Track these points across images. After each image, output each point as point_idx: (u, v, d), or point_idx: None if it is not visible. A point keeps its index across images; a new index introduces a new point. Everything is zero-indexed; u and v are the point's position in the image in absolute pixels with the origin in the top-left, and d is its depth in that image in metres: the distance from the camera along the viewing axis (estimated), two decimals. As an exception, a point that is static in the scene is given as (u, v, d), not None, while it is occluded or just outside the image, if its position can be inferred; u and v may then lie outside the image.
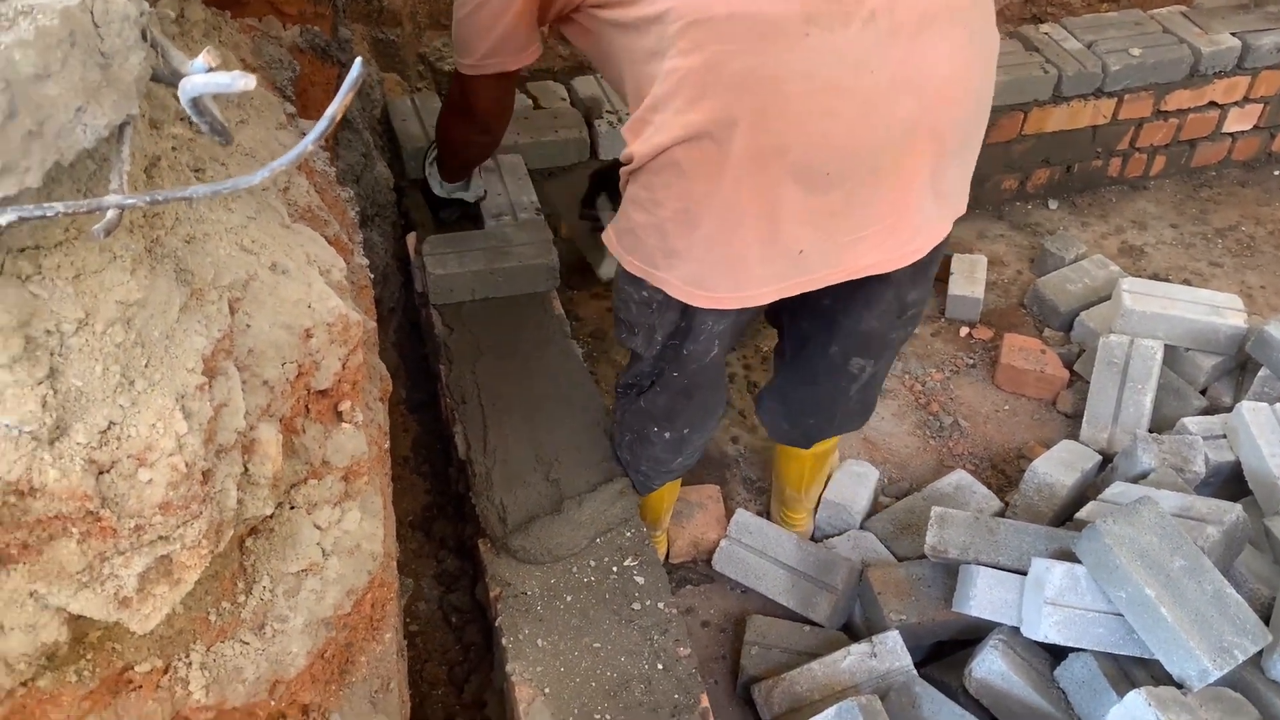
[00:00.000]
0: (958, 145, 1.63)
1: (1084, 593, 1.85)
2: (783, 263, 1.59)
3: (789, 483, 2.32)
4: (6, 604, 0.95)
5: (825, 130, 1.48)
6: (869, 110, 1.49)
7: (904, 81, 1.50)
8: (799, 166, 1.49)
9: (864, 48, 1.47)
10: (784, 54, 1.44)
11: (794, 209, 1.53)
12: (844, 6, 1.45)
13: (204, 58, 0.74)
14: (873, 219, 1.59)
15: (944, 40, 1.52)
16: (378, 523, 1.33)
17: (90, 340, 0.89)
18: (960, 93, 1.58)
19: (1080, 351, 2.84)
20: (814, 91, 1.46)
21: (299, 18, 1.95)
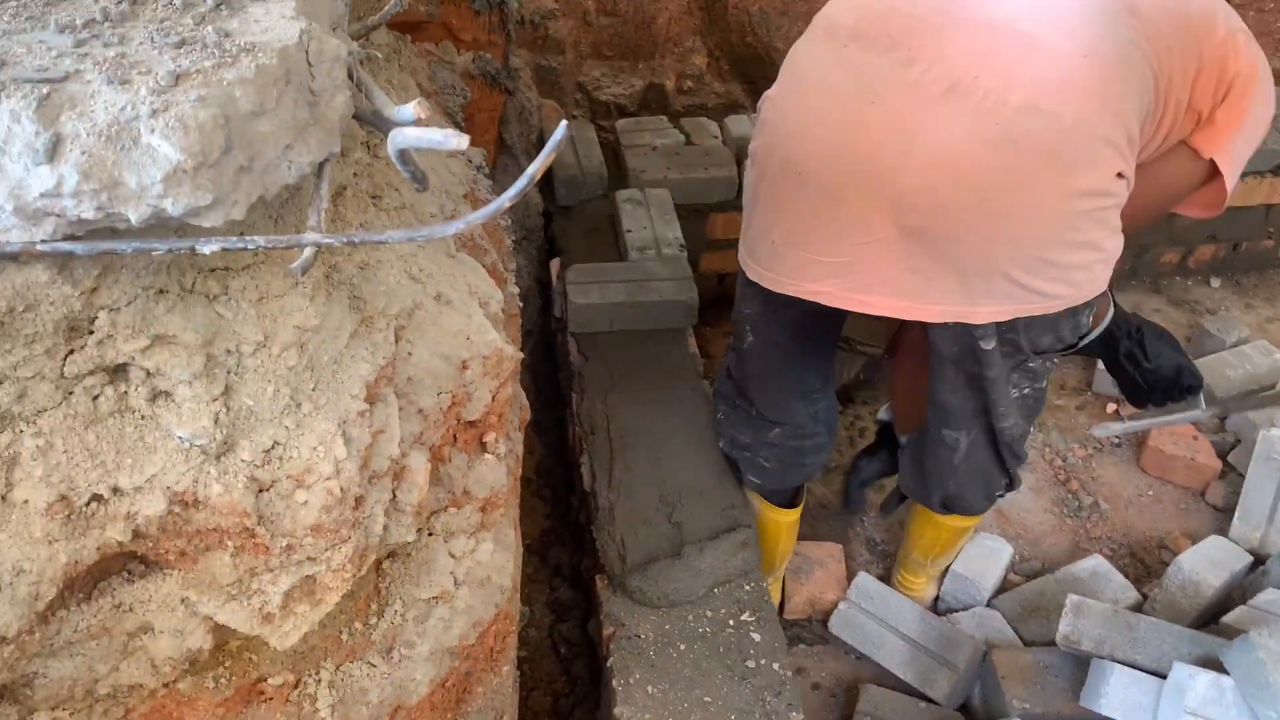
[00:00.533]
0: (948, 234, 1.52)
1: (1229, 706, 1.74)
2: (763, 248, 1.70)
3: (917, 546, 2.25)
4: (160, 607, 0.97)
5: (813, 133, 1.57)
6: (852, 134, 1.53)
7: (894, 128, 1.51)
8: (786, 159, 1.61)
9: (880, 78, 1.52)
10: (819, 55, 1.61)
11: (775, 195, 1.64)
12: (890, 40, 1.53)
13: (414, 108, 0.75)
14: (829, 248, 1.60)
15: (958, 121, 1.47)
16: (509, 555, 1.34)
17: (265, 362, 0.91)
18: (951, 182, 1.48)
19: (1236, 442, 2.68)
20: (817, 91, 1.58)
21: (473, 44, 2.00)
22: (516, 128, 2.35)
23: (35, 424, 0.84)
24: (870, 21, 1.56)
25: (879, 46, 1.53)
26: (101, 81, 0.71)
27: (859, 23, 1.57)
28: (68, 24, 0.77)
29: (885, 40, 1.53)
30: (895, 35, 1.53)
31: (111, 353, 0.83)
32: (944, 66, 1.49)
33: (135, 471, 0.89)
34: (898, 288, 1.59)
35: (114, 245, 0.73)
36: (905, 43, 1.52)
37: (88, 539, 0.90)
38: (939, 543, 2.20)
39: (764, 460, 2.03)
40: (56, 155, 0.68)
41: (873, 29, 1.55)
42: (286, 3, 0.82)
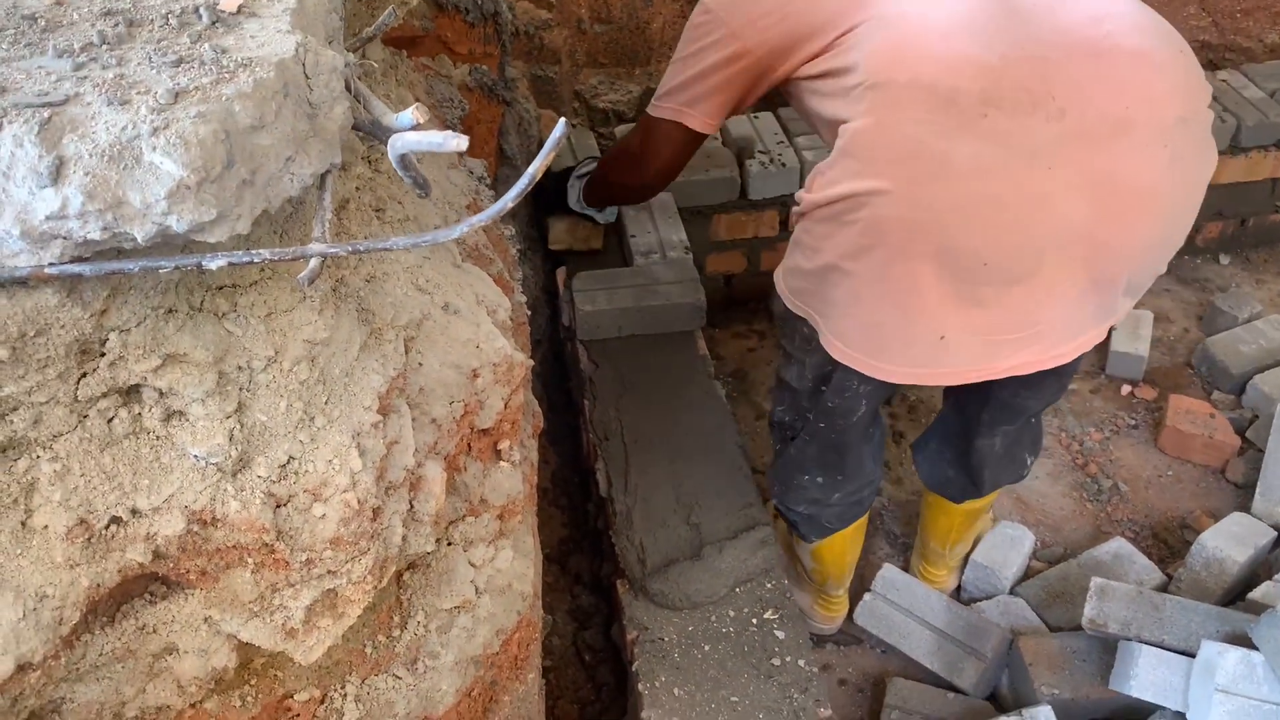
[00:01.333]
0: (1133, 266, 1.52)
1: (1260, 682, 1.72)
2: (922, 347, 1.54)
3: (934, 537, 2.24)
4: (183, 627, 0.98)
5: (987, 218, 1.42)
6: (1038, 207, 1.42)
7: (1082, 185, 1.42)
8: (953, 250, 1.43)
9: (1043, 141, 1.40)
10: (955, 131, 1.39)
11: (941, 293, 1.46)
12: (1031, 95, 1.40)
13: (413, 113, 0.75)
14: (1025, 323, 1.52)
15: (1139, 154, 1.43)
16: (529, 562, 1.34)
17: (277, 377, 0.92)
18: (1146, 214, 1.47)
19: (1254, 418, 2.66)
20: (980, 174, 1.40)
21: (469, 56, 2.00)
22: (516, 138, 2.35)
23: (51, 449, 0.85)
24: (993, 81, 1.40)
25: (1023, 106, 1.39)
26: (101, 103, 0.72)
27: (984, 85, 1.39)
28: (66, 49, 0.78)
29: (1025, 96, 1.40)
30: (1030, 88, 1.40)
31: (124, 374, 0.84)
32: (1096, 107, 1.41)
33: (153, 492, 0.89)
34: (1076, 329, 1.57)
35: (121, 265, 0.73)
36: (1045, 93, 1.40)
37: (109, 562, 0.90)
38: (954, 529, 2.19)
39: (828, 520, 2.01)
40: (60, 178, 0.68)
41: (1002, 88, 1.39)
42: (282, 18, 0.82)
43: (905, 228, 1.43)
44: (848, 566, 2.16)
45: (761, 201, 2.80)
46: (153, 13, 0.83)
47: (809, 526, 2.02)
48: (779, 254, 2.92)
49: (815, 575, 2.15)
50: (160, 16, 0.82)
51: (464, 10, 1.95)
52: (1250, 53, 3.26)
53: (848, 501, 1.98)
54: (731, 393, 2.78)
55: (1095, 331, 1.60)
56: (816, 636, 2.22)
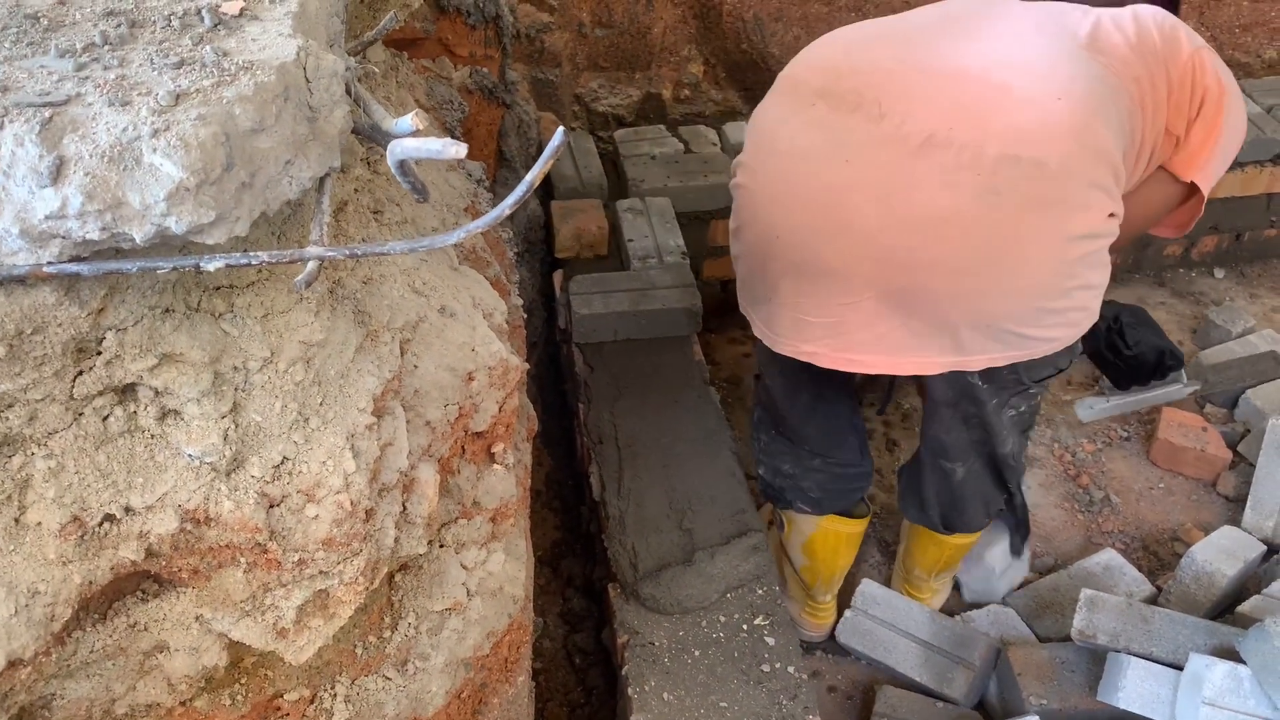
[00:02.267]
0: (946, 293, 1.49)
1: (1247, 696, 1.73)
2: (761, 307, 1.69)
3: (919, 563, 2.22)
4: (174, 625, 0.98)
5: (782, 195, 1.54)
6: (830, 195, 1.49)
7: (871, 187, 1.46)
8: (761, 221, 1.60)
9: (852, 137, 1.49)
10: (787, 115, 1.57)
11: (765, 262, 1.62)
12: (859, 97, 1.50)
13: (412, 119, 0.76)
14: (826, 309, 1.57)
15: (943, 175, 1.43)
16: (520, 565, 1.34)
17: (273, 378, 0.92)
18: (943, 239, 1.45)
19: (1245, 432, 2.67)
20: (789, 154, 1.54)
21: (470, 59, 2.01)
22: (515, 141, 2.36)
23: (46, 446, 0.85)
24: (834, 79, 1.53)
25: (847, 104, 1.50)
26: (103, 103, 0.72)
27: (824, 81, 1.53)
28: (68, 49, 0.78)
29: (853, 97, 1.50)
30: (862, 91, 1.50)
31: (120, 373, 0.84)
32: (917, 120, 1.44)
33: (147, 490, 0.89)
34: (889, 344, 1.57)
35: (119, 265, 0.74)
36: (873, 98, 1.48)
37: (101, 559, 0.90)
38: (942, 559, 2.19)
39: (809, 488, 2.02)
40: (60, 177, 0.69)
41: (839, 86, 1.51)
42: (283, 21, 0.83)
43: (742, 197, 1.64)
44: (839, 569, 2.16)
45: (759, 208, 2.81)
46: (155, 14, 0.83)
47: (795, 493, 2.04)
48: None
49: (805, 575, 2.16)
50: (162, 18, 0.82)
51: (465, 13, 1.96)
52: (1248, 68, 3.28)
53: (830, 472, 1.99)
54: (726, 398, 2.79)
55: (942, 359, 1.57)
56: (805, 644, 2.22)
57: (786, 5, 2.89)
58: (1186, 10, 3.11)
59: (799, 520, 2.09)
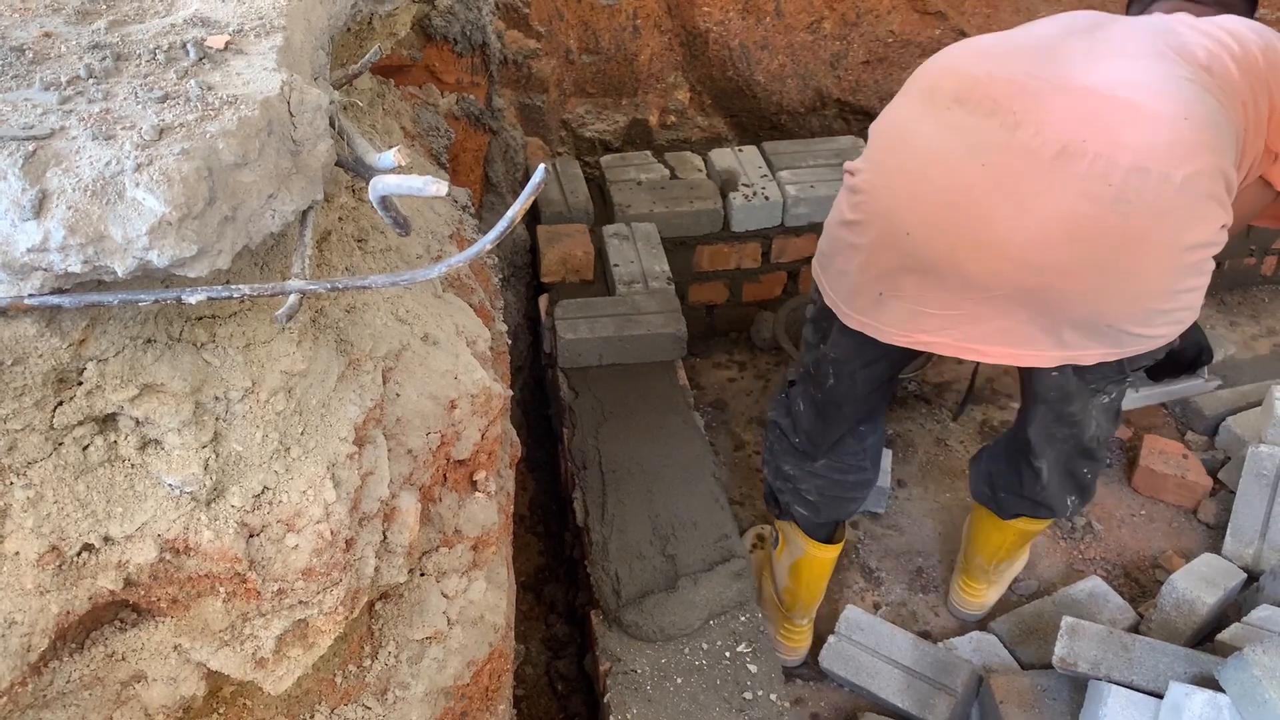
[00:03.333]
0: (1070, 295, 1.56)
1: (1226, 724, 1.73)
2: (866, 299, 1.69)
3: (982, 552, 2.25)
4: (153, 655, 0.98)
5: (916, 192, 1.58)
6: (964, 196, 1.54)
7: (1007, 192, 1.51)
8: (890, 216, 1.61)
9: (989, 141, 1.54)
10: (921, 116, 1.62)
11: (885, 256, 1.63)
12: (994, 104, 1.55)
13: (394, 155, 0.76)
14: (949, 302, 1.62)
15: (1076, 184, 1.49)
16: (501, 594, 1.34)
17: (254, 408, 0.92)
18: (1072, 244, 1.51)
19: (1225, 459, 2.69)
20: (924, 153, 1.59)
21: (456, 86, 2.02)
22: (502, 166, 2.37)
23: (25, 475, 0.85)
24: (970, 86, 1.58)
25: (983, 110, 1.56)
26: (86, 137, 0.73)
27: (960, 87, 1.59)
28: (53, 81, 0.79)
29: (989, 104, 1.55)
30: (998, 99, 1.55)
31: (100, 403, 0.84)
32: (1051, 130, 1.51)
33: (126, 520, 0.89)
34: (1012, 338, 1.63)
35: (101, 298, 0.74)
36: (1009, 107, 1.54)
37: (79, 589, 0.90)
38: (1005, 546, 2.21)
39: (807, 492, 2.03)
40: (43, 211, 0.69)
41: (974, 93, 1.57)
42: (268, 55, 0.84)
43: (869, 193, 1.64)
44: (818, 594, 2.18)
45: (744, 233, 2.83)
46: (140, 47, 0.84)
47: (792, 496, 2.05)
48: (761, 285, 2.96)
49: (786, 597, 2.16)
50: (148, 51, 0.83)
51: (452, 40, 1.97)
52: (1227, 99, 3.32)
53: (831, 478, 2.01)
54: (711, 423, 2.80)
55: (1059, 354, 1.64)
56: (787, 670, 2.22)
57: (771, 33, 2.92)
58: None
59: (793, 538, 2.10)
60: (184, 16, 0.88)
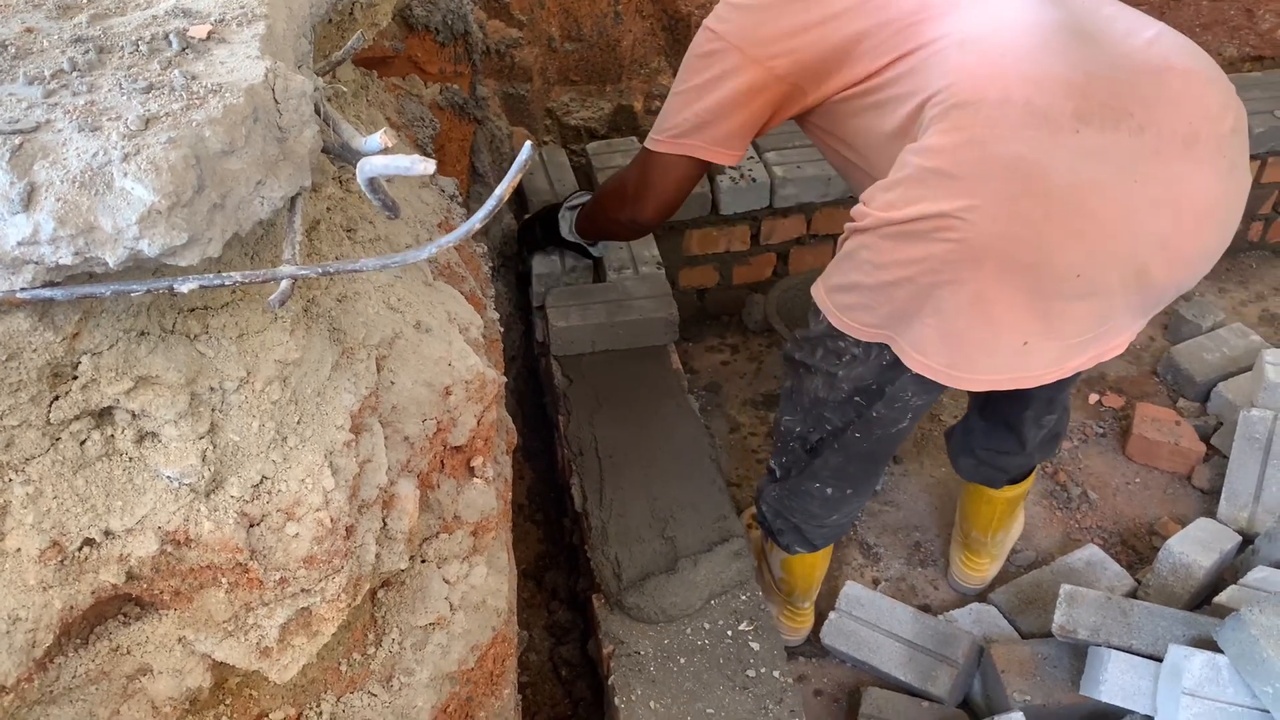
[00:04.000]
0: (1194, 272, 1.58)
1: (1226, 685, 1.75)
2: (1004, 355, 1.54)
3: (976, 525, 2.26)
4: (157, 648, 0.98)
5: (1083, 232, 1.43)
6: (1128, 220, 1.45)
7: (1164, 199, 1.46)
8: (1048, 264, 1.44)
9: (1131, 155, 1.44)
10: (1052, 147, 1.41)
11: (1030, 303, 1.48)
12: (1113, 112, 1.44)
13: (381, 137, 0.77)
14: (1098, 323, 1.55)
15: (1206, 165, 1.48)
16: (503, 578, 1.34)
17: (249, 398, 0.92)
18: (1213, 223, 1.53)
19: (1218, 424, 2.70)
20: (1079, 188, 1.42)
21: (439, 76, 2.01)
22: (488, 156, 2.37)
23: (24, 471, 0.85)
24: (1084, 100, 1.44)
25: (1109, 123, 1.44)
26: (73, 129, 0.73)
27: (1075, 104, 1.43)
28: (36, 76, 0.79)
29: (1109, 114, 1.45)
30: (1114, 106, 1.45)
31: (96, 396, 0.84)
32: (1167, 122, 1.47)
33: (126, 513, 0.90)
34: (1139, 323, 1.63)
35: (93, 289, 0.74)
36: (1123, 111, 1.45)
37: (82, 583, 0.90)
38: (996, 515, 2.22)
39: (815, 539, 2.00)
40: (32, 204, 0.69)
41: (1091, 107, 1.44)
42: (251, 44, 0.84)
43: (1001, 243, 1.43)
44: (816, 581, 2.17)
45: (733, 216, 2.83)
46: (123, 39, 0.84)
47: (793, 538, 2.00)
48: (751, 267, 2.97)
49: (783, 586, 2.17)
50: (130, 43, 0.83)
51: (434, 30, 1.97)
52: (1209, 66, 3.33)
53: (842, 522, 1.98)
54: (705, 406, 2.80)
55: (1143, 321, 1.66)
56: (789, 648, 2.23)
57: (754, 15, 2.91)
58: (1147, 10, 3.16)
59: None
60: (165, 8, 0.88)
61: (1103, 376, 2.88)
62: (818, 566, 2.14)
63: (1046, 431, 2.04)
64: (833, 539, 2.04)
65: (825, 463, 1.85)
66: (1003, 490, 2.17)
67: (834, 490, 1.89)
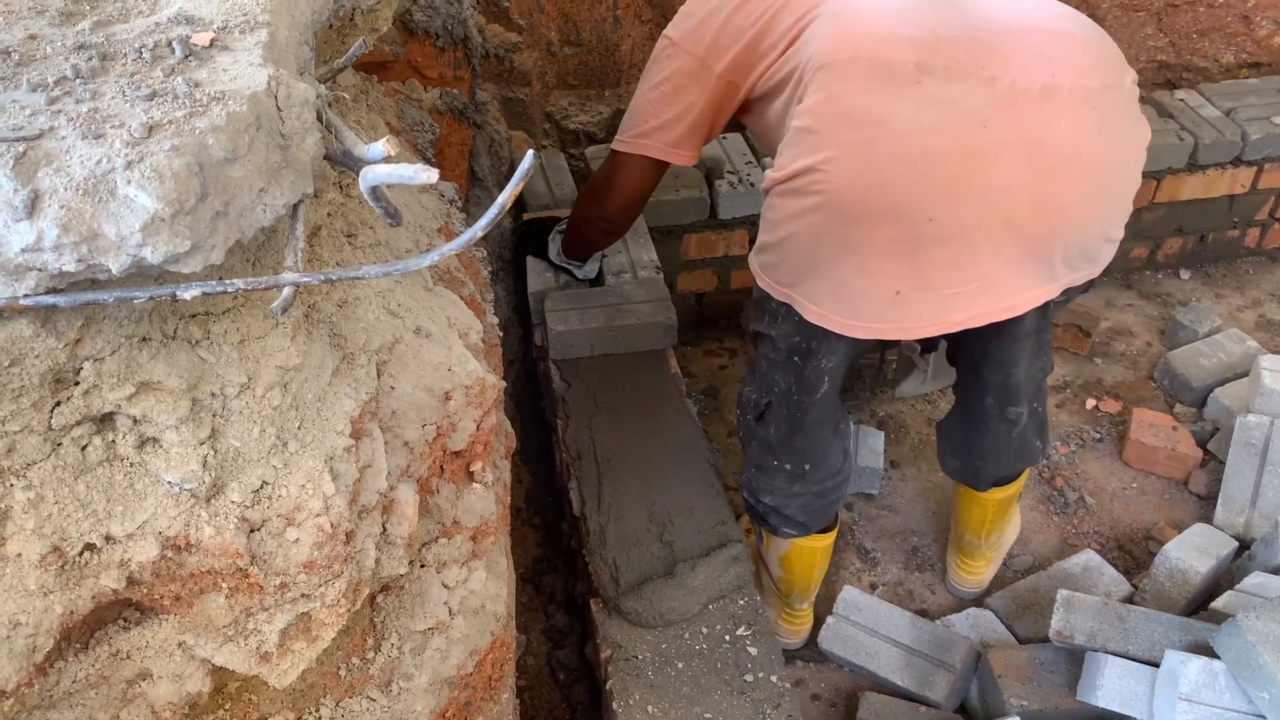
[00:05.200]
0: (1071, 225, 1.62)
1: (1222, 690, 1.75)
2: (881, 303, 1.63)
3: (968, 528, 2.27)
4: (157, 653, 0.98)
5: (926, 172, 1.53)
6: (976, 162, 1.53)
7: (1018, 143, 1.54)
8: (901, 207, 1.54)
9: (977, 103, 1.53)
10: (895, 96, 1.52)
11: (895, 251, 1.57)
12: (961, 64, 1.53)
13: (384, 145, 0.77)
14: (973, 275, 1.61)
15: (1069, 115, 1.55)
16: (502, 583, 1.35)
17: (250, 403, 0.93)
18: (1082, 172, 1.58)
19: (1214, 430, 2.71)
20: (920, 132, 1.52)
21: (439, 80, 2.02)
22: (487, 160, 2.37)
23: (25, 477, 0.85)
24: (926, 53, 1.53)
25: (955, 73, 1.53)
26: (76, 136, 0.73)
27: (918, 56, 1.53)
28: (40, 83, 0.79)
29: (956, 66, 1.53)
30: (961, 59, 1.54)
31: (98, 402, 0.85)
32: (1023, 75, 1.54)
33: (127, 519, 0.90)
34: (1031, 282, 1.65)
35: (96, 296, 0.74)
36: (973, 63, 1.54)
37: (82, 588, 0.90)
38: (987, 518, 2.23)
39: (794, 514, 2.02)
40: (35, 211, 0.69)
41: (937, 59, 1.53)
42: (254, 51, 0.84)
43: (856, 190, 1.55)
44: (814, 580, 2.18)
45: (731, 221, 2.83)
46: (126, 47, 0.84)
47: (778, 519, 2.04)
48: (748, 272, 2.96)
49: (782, 585, 2.17)
50: (134, 50, 0.83)
51: (434, 35, 1.97)
52: (1206, 73, 3.34)
53: (812, 492, 1.99)
54: (703, 410, 2.80)
55: (1042, 289, 1.67)
56: (787, 652, 2.23)
57: (752, 20, 2.92)
58: (1145, 17, 3.17)
59: (775, 538, 2.11)
60: (168, 15, 0.88)
61: (1099, 382, 2.89)
62: (815, 564, 2.14)
63: (1019, 430, 2.02)
64: (817, 514, 2.04)
65: (773, 433, 1.93)
66: (990, 492, 2.18)
67: (792, 465, 1.96)
